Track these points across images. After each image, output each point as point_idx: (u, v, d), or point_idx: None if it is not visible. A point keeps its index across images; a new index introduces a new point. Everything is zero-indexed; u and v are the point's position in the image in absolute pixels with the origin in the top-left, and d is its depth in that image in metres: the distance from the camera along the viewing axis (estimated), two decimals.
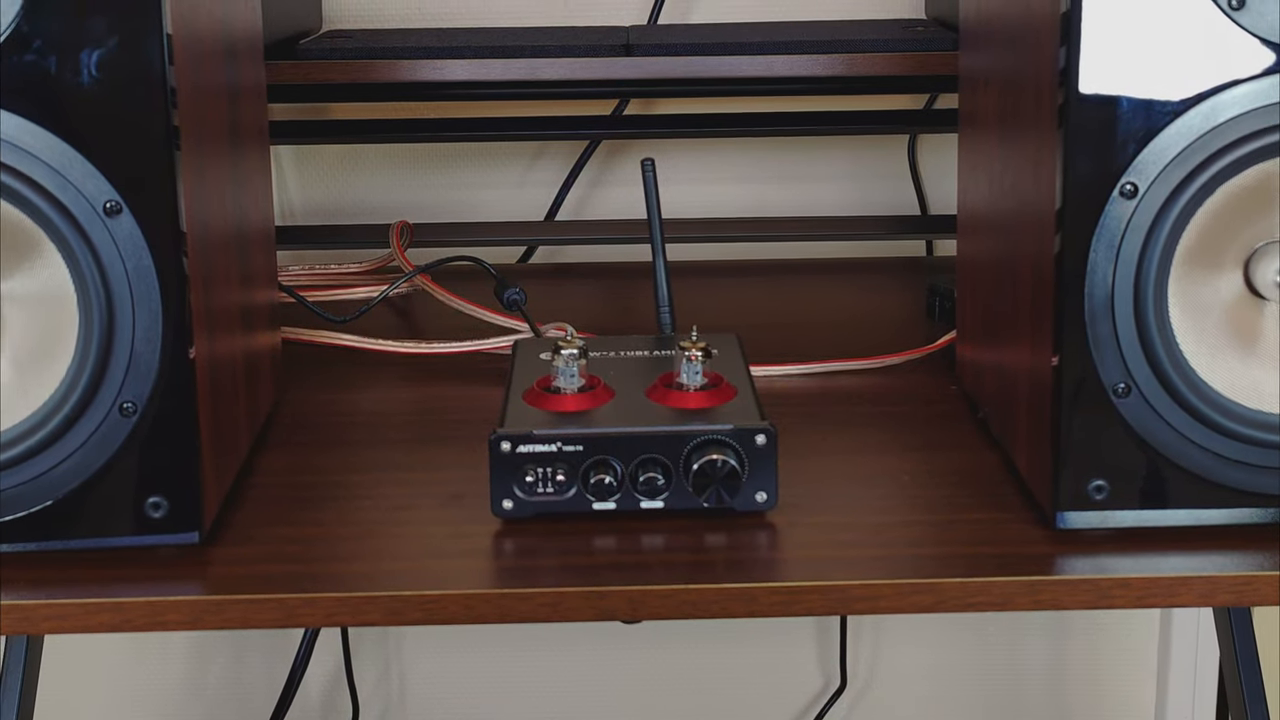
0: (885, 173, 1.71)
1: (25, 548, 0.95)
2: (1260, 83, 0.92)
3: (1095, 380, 0.95)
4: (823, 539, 0.98)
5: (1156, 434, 0.96)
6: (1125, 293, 0.94)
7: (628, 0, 1.66)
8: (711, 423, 0.99)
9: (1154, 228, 0.93)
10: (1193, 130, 0.92)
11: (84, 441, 0.94)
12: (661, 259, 1.23)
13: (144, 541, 0.96)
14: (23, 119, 0.90)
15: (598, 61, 1.43)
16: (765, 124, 1.58)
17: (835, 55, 1.43)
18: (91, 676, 1.83)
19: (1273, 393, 0.96)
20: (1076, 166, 0.93)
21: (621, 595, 0.92)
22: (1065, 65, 0.92)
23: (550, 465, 0.99)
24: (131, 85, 0.90)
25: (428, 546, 0.98)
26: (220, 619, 0.92)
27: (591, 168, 1.69)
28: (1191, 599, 0.93)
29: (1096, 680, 1.86)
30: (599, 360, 1.12)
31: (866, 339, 1.34)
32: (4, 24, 0.89)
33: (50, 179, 0.91)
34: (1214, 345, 0.96)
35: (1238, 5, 0.91)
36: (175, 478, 0.95)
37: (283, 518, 1.02)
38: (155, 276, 0.93)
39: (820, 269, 1.63)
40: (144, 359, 0.94)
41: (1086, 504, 0.97)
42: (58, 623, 0.92)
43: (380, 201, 1.70)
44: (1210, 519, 0.97)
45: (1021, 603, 0.93)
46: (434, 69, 1.43)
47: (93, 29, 0.89)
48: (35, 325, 0.94)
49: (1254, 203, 0.94)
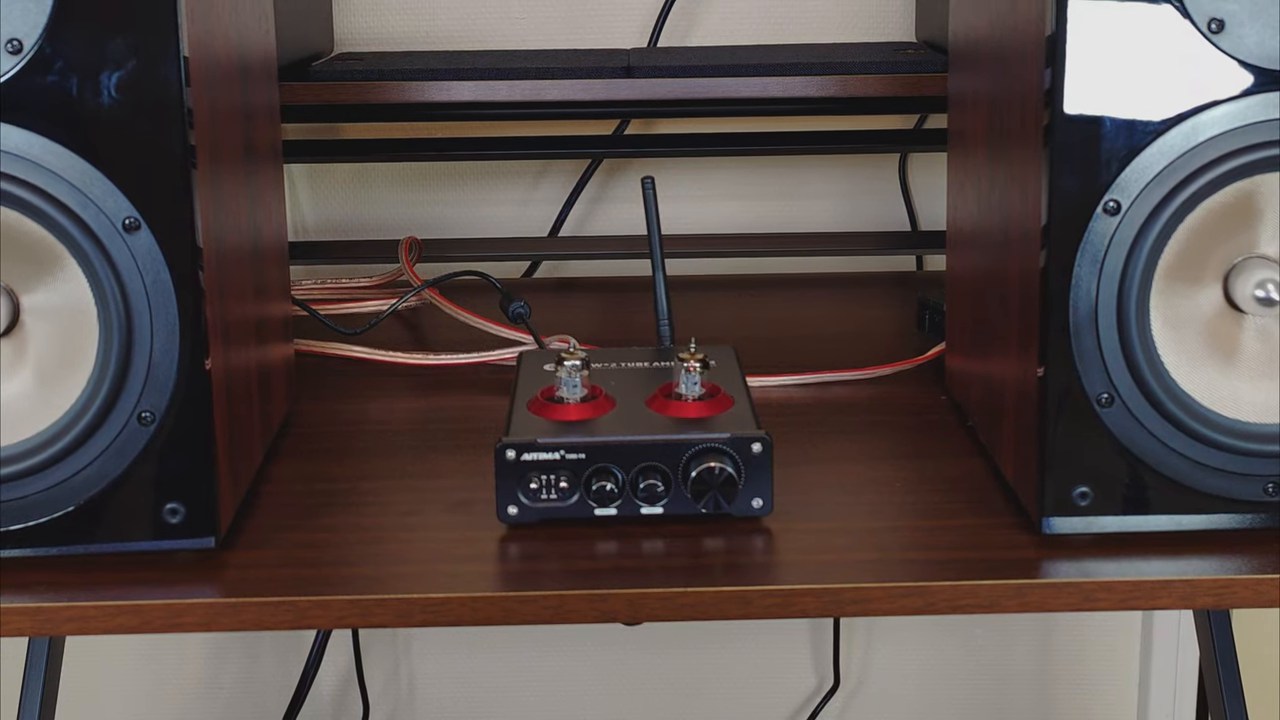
0: (877, 190, 1.71)
1: (47, 552, 0.95)
2: (1239, 104, 0.92)
3: (1079, 390, 0.95)
4: (816, 543, 0.98)
5: (1138, 442, 0.96)
6: (1108, 306, 0.94)
7: (628, 23, 1.66)
8: (709, 431, 0.99)
9: (1136, 243, 0.93)
10: (1174, 149, 0.92)
11: (104, 449, 0.94)
12: (661, 274, 1.23)
13: (162, 546, 0.96)
14: (45, 139, 0.90)
15: (599, 83, 1.43)
16: (761, 143, 1.58)
17: (828, 77, 1.43)
18: (111, 676, 1.83)
19: (1251, 402, 0.96)
20: (1061, 184, 0.93)
21: (622, 598, 0.92)
22: (1050, 86, 0.92)
23: (554, 472, 0.99)
24: (150, 106, 0.90)
25: (435, 551, 0.98)
26: (235, 621, 0.92)
27: (593, 186, 1.69)
28: (1172, 601, 0.93)
29: (1080, 680, 1.86)
30: (601, 371, 1.12)
31: (859, 351, 1.34)
32: (27, 47, 0.89)
33: (72, 196, 0.91)
34: (1194, 357, 0.96)
35: (1217, 29, 0.91)
36: (192, 484, 0.95)
37: (295, 523, 1.02)
38: (173, 290, 0.93)
39: (814, 283, 1.63)
40: (162, 370, 0.94)
41: (1071, 510, 0.97)
42: (79, 624, 0.92)
43: (390, 218, 1.70)
44: (1190, 524, 0.97)
45: (1008, 605, 0.93)
46: (441, 90, 1.43)
47: (112, 52, 0.89)
48: (57, 337, 0.94)
49: (1233, 219, 0.94)
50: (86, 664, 1.80)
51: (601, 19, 1.66)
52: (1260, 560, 0.94)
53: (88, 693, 1.82)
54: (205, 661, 1.83)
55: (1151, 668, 1.82)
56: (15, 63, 0.90)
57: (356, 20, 1.66)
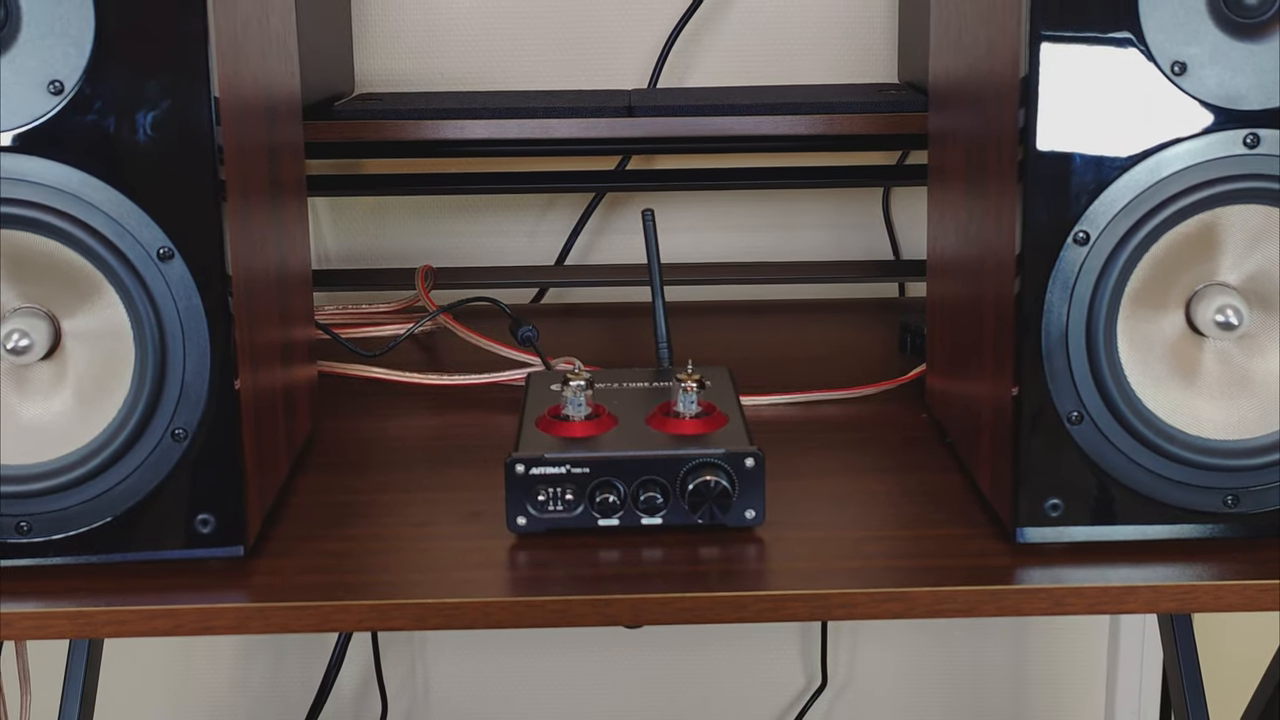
0: (862, 222, 1.71)
1: (87, 560, 0.95)
2: (1200, 141, 0.92)
3: (1051, 409, 0.95)
4: (805, 552, 0.98)
5: (1106, 457, 0.96)
6: (1078, 330, 0.94)
7: (630, 65, 1.67)
8: (705, 447, 0.99)
9: (1104, 272, 0.93)
10: (1139, 184, 0.92)
11: (140, 464, 0.94)
12: (660, 299, 1.23)
13: (194, 554, 0.96)
14: (85, 173, 0.90)
15: (603, 121, 1.43)
16: (754, 178, 1.58)
17: (817, 116, 1.43)
18: (146, 677, 1.82)
19: (1211, 420, 0.96)
20: (1034, 216, 0.93)
21: (624, 603, 0.92)
22: (1024, 125, 0.92)
23: (560, 485, 0.98)
24: (182, 143, 0.90)
25: (449, 559, 0.98)
26: (262, 624, 0.92)
27: (597, 217, 1.69)
28: (1138, 606, 0.93)
29: (1052, 679, 1.85)
30: (604, 391, 1.12)
31: (845, 371, 1.34)
32: (68, 88, 0.89)
33: (109, 228, 0.91)
34: (1158, 377, 0.95)
35: (1180, 71, 0.91)
36: (222, 497, 0.95)
37: (319, 532, 1.02)
38: (204, 316, 0.92)
39: (803, 308, 1.63)
40: (194, 390, 0.93)
41: (1043, 520, 0.97)
42: (116, 627, 0.91)
43: (406, 248, 1.70)
44: (1155, 534, 0.97)
45: (985, 609, 0.93)
46: (455, 128, 1.43)
47: (148, 92, 0.89)
48: (96, 359, 0.93)
49: (1195, 249, 0.94)
50: (124, 665, 1.80)
51: (604, 61, 1.66)
52: (1220, 567, 0.94)
53: (125, 692, 1.81)
54: (234, 662, 1.83)
55: (1118, 667, 1.82)
56: (57, 102, 0.90)
57: (376, 63, 1.66)
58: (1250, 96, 0.92)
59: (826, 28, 1.66)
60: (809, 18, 1.66)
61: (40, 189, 0.90)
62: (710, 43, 1.67)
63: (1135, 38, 0.91)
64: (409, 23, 1.65)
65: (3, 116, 0.90)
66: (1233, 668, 1.60)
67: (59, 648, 1.41)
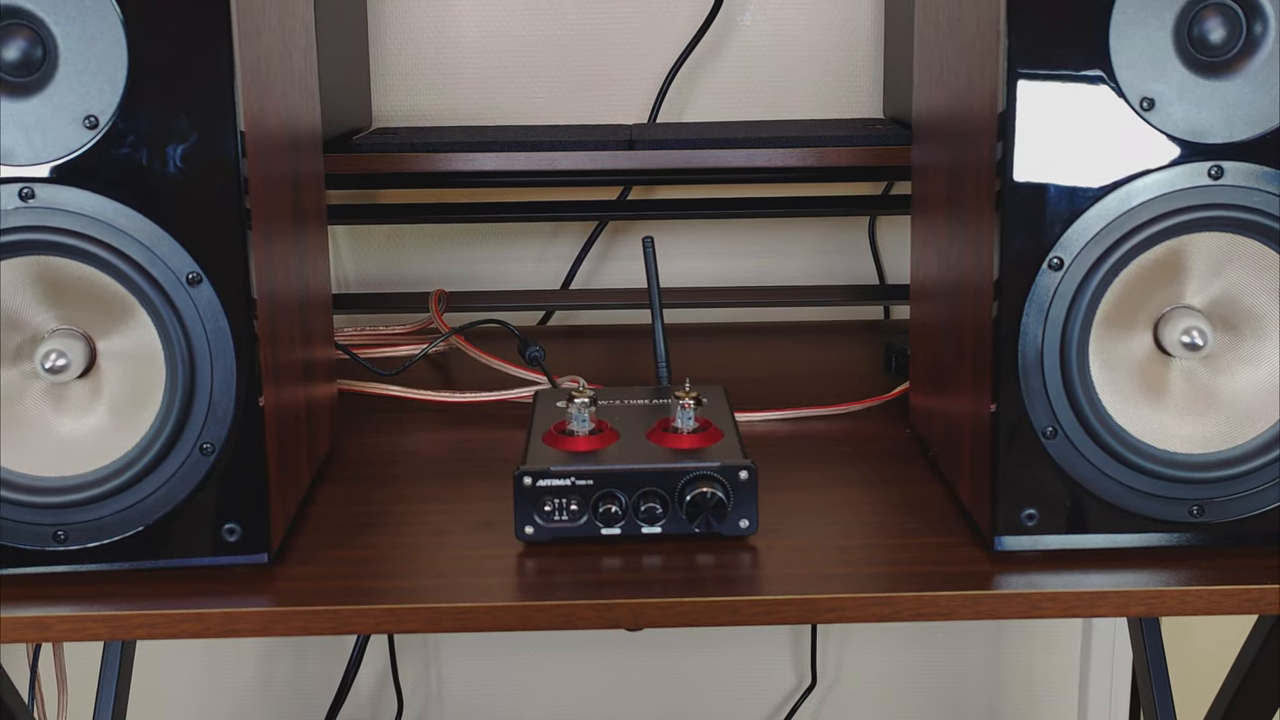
0: (849, 248, 1.71)
1: (120, 566, 0.95)
2: (1168, 172, 0.92)
3: (1027, 425, 0.95)
4: (796, 559, 0.98)
5: (1079, 470, 0.95)
6: (1053, 351, 0.94)
7: (631, 102, 1.67)
8: (702, 461, 0.99)
9: (1077, 295, 0.93)
10: (1110, 213, 0.92)
11: (170, 477, 0.94)
12: (659, 322, 1.23)
13: (220, 561, 0.96)
14: (118, 203, 0.90)
15: (605, 154, 1.43)
16: (748, 207, 1.58)
17: (807, 149, 1.43)
18: (176, 676, 1.82)
19: (1177, 435, 0.96)
20: (1011, 243, 0.93)
21: (625, 607, 0.92)
22: (1002, 157, 0.92)
23: (565, 497, 0.98)
24: (210, 174, 0.90)
25: (461, 566, 0.97)
26: (285, 627, 0.92)
27: (600, 244, 1.69)
28: (1109, 610, 0.93)
29: (1028, 679, 1.85)
30: (606, 407, 1.11)
31: (833, 389, 1.34)
32: (103, 123, 0.89)
33: (141, 254, 0.91)
34: (1128, 395, 0.95)
35: (1148, 107, 0.91)
36: (247, 507, 0.95)
37: (338, 541, 1.02)
38: (230, 337, 0.92)
39: (794, 330, 1.62)
40: (221, 406, 0.93)
41: (1020, 529, 0.96)
42: (147, 630, 0.91)
43: (421, 273, 1.70)
44: (1125, 542, 0.97)
45: (965, 613, 0.92)
46: (467, 160, 1.43)
47: (177, 127, 0.90)
48: (129, 378, 0.93)
49: (1162, 274, 0.94)
50: (154, 665, 1.79)
51: (607, 98, 1.66)
52: (1186, 574, 0.94)
53: (155, 691, 1.81)
54: (258, 663, 1.82)
55: (1090, 667, 1.81)
56: (92, 136, 0.90)
57: (392, 99, 1.66)
58: (1214, 130, 0.92)
59: (816, 66, 1.66)
60: (799, 57, 1.66)
61: (77, 218, 0.90)
62: (707, 81, 1.67)
63: (1106, 75, 0.91)
64: (423, 61, 1.65)
65: (42, 150, 0.90)
66: (1198, 668, 1.60)
67: (94, 649, 1.41)
